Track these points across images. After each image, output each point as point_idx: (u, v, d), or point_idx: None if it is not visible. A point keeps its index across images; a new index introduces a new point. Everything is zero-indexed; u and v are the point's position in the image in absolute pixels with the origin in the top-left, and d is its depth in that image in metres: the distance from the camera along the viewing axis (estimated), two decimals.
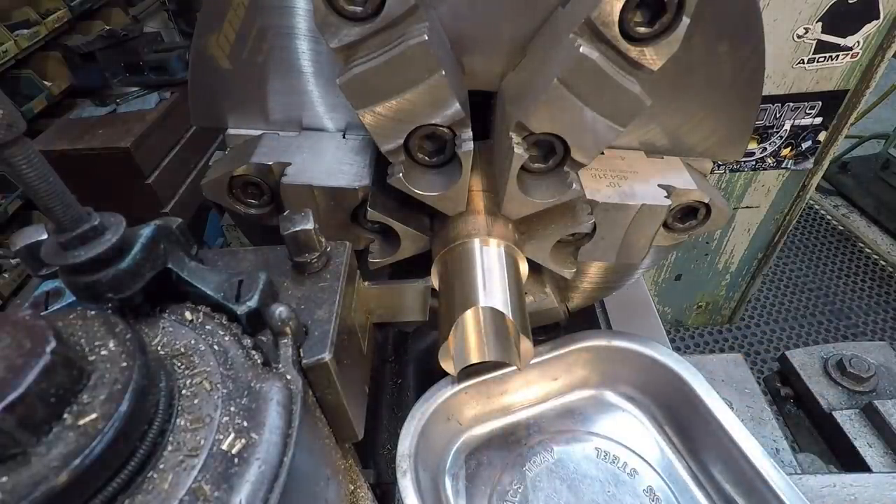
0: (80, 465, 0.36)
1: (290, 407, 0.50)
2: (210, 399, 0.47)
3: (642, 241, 0.91)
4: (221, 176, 0.85)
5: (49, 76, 3.19)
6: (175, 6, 4.15)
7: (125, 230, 0.49)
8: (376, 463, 1.11)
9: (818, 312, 3.44)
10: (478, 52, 0.81)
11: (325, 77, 0.84)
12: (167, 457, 0.43)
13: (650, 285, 3.03)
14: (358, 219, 0.89)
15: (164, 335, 0.53)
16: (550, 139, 0.73)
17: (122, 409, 0.39)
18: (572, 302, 1.18)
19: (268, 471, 0.44)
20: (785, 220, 2.71)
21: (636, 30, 0.62)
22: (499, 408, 1.02)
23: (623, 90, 0.66)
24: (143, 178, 3.01)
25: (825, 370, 1.35)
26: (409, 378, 1.28)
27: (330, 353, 0.58)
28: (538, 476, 0.94)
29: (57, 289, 0.57)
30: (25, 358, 0.36)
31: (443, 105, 0.71)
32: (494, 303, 0.77)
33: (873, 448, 1.17)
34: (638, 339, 1.01)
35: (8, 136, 0.38)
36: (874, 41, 2.02)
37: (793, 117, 2.26)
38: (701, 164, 0.95)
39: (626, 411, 1.02)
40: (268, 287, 0.58)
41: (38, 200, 0.43)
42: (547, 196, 0.79)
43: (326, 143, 0.89)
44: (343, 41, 0.66)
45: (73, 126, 3.08)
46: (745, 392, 1.28)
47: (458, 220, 0.86)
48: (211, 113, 0.89)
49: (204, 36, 0.79)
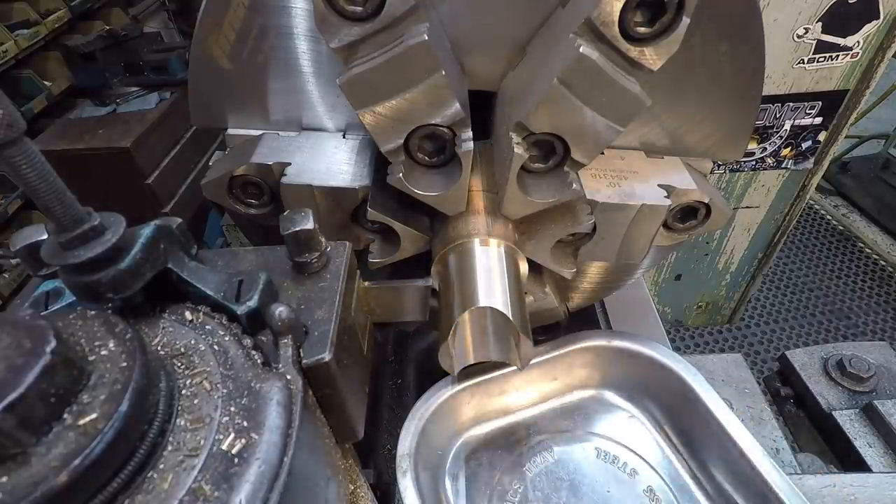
0: (80, 465, 0.36)
1: (290, 407, 0.50)
2: (210, 399, 0.47)
3: (642, 241, 0.91)
4: (221, 176, 0.85)
5: (49, 76, 3.19)
6: (175, 6, 4.15)
7: (125, 230, 0.49)
8: (376, 463, 1.11)
9: (818, 312, 3.45)
10: (478, 52, 0.81)
11: (325, 77, 0.84)
12: (167, 457, 0.43)
13: (650, 285, 3.03)
14: (358, 219, 0.89)
15: (164, 335, 0.53)
16: (550, 139, 0.73)
17: (122, 409, 0.39)
18: (572, 302, 1.18)
19: (268, 471, 0.44)
20: (785, 220, 2.71)
21: (636, 30, 0.62)
22: (499, 408, 1.02)
23: (623, 90, 0.66)
24: (143, 178, 3.00)
25: (825, 370, 1.35)
26: (409, 378, 1.28)
27: (330, 353, 0.58)
28: (538, 476, 0.94)
29: (57, 289, 0.57)
30: (25, 358, 0.36)
31: (443, 105, 0.71)
32: (494, 303, 0.77)
33: (873, 448, 1.16)
34: (638, 339, 1.01)
35: (8, 136, 0.38)
36: (874, 41, 2.02)
37: (793, 117, 2.26)
38: (701, 164, 0.95)
39: (626, 411, 1.02)
40: (268, 287, 0.58)
41: (38, 200, 0.43)
42: (547, 196, 0.79)
43: (326, 143, 0.89)
44: (343, 41, 0.66)
45: (73, 126, 3.08)
46: (745, 392, 1.28)
47: (458, 220, 0.86)
48: (211, 113, 0.89)
49: (204, 36, 0.79)
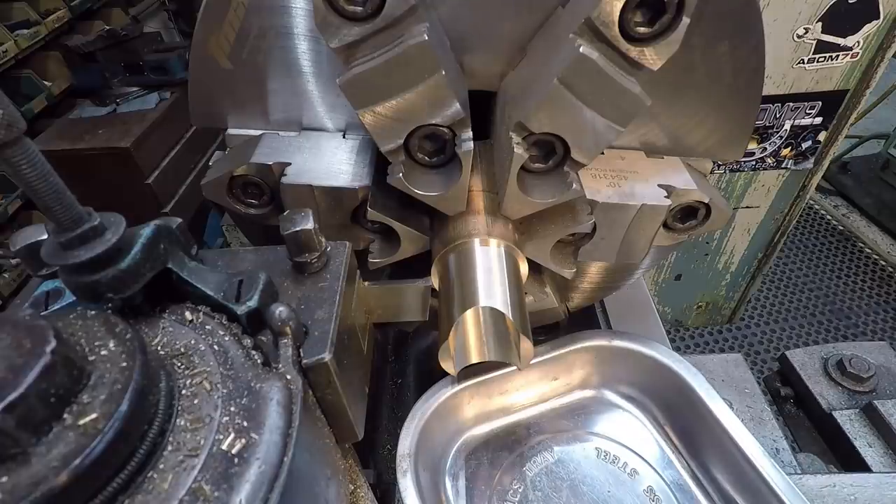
0: (80, 465, 0.36)
1: (290, 407, 0.49)
2: (210, 399, 0.47)
3: (642, 241, 0.91)
4: (221, 176, 0.85)
5: (49, 76, 3.19)
6: (175, 6, 4.15)
7: (125, 230, 0.49)
8: (376, 463, 1.11)
9: (818, 312, 3.44)
10: (478, 52, 0.81)
11: (325, 77, 0.84)
12: (167, 457, 0.43)
13: (650, 285, 3.02)
14: (358, 219, 0.89)
15: (164, 335, 0.53)
16: (550, 139, 0.73)
17: (122, 409, 0.39)
18: (572, 302, 1.18)
19: (268, 471, 0.44)
20: (785, 220, 2.71)
21: (636, 30, 0.62)
22: (499, 408, 1.02)
23: (623, 90, 0.66)
24: (143, 178, 3.00)
25: (825, 370, 1.35)
26: (409, 378, 1.28)
27: (330, 353, 0.58)
28: (538, 476, 0.94)
29: (57, 289, 0.57)
30: (25, 358, 0.36)
31: (443, 105, 0.71)
32: (494, 303, 0.77)
33: (873, 448, 1.16)
34: (638, 339, 1.01)
35: (8, 136, 0.38)
36: (874, 41, 2.02)
37: (793, 117, 2.26)
38: (701, 164, 0.95)
39: (627, 411, 1.02)
40: (268, 287, 0.58)
41: (38, 200, 0.43)
42: (547, 196, 0.79)
43: (326, 143, 0.89)
44: (343, 41, 0.66)
45: (73, 126, 3.08)
46: (745, 392, 1.28)
47: (458, 220, 0.86)
48: (211, 113, 0.89)
49: (204, 36, 0.79)
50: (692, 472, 0.93)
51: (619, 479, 0.93)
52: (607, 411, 1.03)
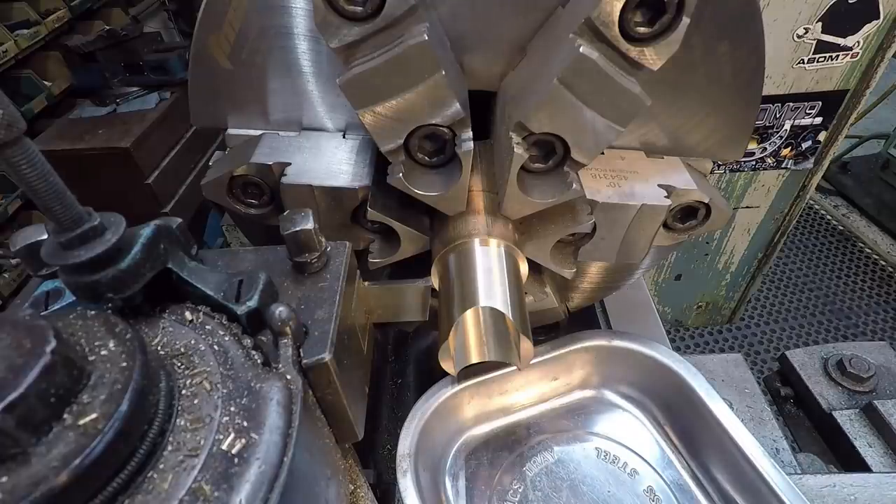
0: (80, 465, 0.36)
1: (290, 407, 0.49)
2: (210, 399, 0.47)
3: (642, 241, 0.91)
4: (221, 176, 0.85)
5: (49, 76, 3.19)
6: (175, 6, 4.15)
7: (125, 230, 0.49)
8: (376, 463, 1.11)
9: (818, 312, 3.44)
10: (478, 52, 0.81)
11: (325, 77, 0.84)
12: (167, 457, 0.43)
13: (650, 285, 3.03)
14: (358, 219, 0.89)
15: (164, 335, 0.53)
16: (550, 139, 0.73)
17: (122, 409, 0.39)
18: (572, 302, 1.18)
19: (268, 471, 0.44)
20: (785, 220, 2.71)
21: (636, 30, 0.62)
22: (499, 408, 1.02)
23: (623, 90, 0.66)
24: (143, 178, 3.00)
25: (825, 370, 1.35)
26: (409, 378, 1.28)
27: (330, 353, 0.58)
28: (538, 476, 0.94)
29: (57, 289, 0.57)
30: (25, 358, 0.36)
31: (443, 105, 0.71)
32: (494, 303, 0.77)
33: (873, 448, 1.16)
34: (638, 339, 1.01)
35: (8, 135, 0.38)
36: (874, 41, 2.02)
37: (793, 117, 2.26)
38: (701, 164, 0.95)
39: (627, 411, 1.02)
40: (268, 287, 0.58)
41: (38, 200, 0.43)
42: (547, 196, 0.79)
43: (326, 143, 0.89)
44: (343, 41, 0.66)
45: (73, 126, 3.08)
46: (745, 392, 1.28)
47: (458, 220, 0.86)
48: (211, 113, 0.89)
49: (204, 36, 0.79)
50: (692, 472, 0.93)
51: (619, 479, 0.93)
52: (607, 411, 1.03)
